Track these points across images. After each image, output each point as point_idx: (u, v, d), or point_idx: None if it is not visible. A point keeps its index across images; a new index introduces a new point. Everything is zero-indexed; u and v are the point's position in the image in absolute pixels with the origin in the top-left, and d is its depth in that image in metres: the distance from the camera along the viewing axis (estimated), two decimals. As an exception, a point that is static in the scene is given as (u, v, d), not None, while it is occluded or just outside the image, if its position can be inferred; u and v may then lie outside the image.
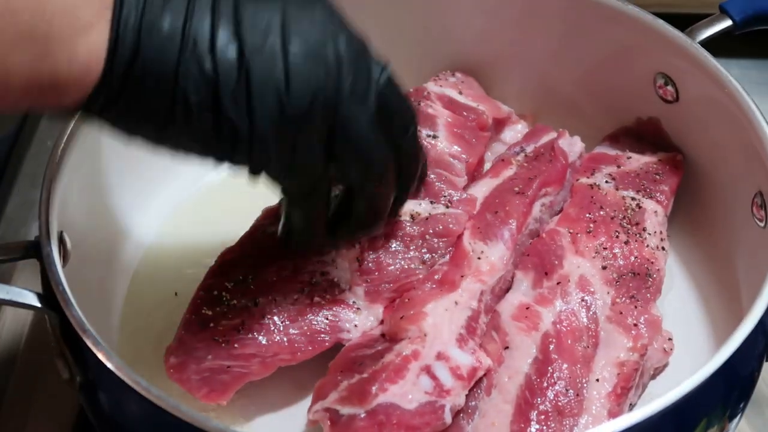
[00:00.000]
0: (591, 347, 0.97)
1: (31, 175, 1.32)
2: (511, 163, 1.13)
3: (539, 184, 1.10)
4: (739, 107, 1.03)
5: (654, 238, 1.06)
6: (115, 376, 0.83)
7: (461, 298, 0.99)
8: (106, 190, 1.10)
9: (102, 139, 1.06)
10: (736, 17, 1.11)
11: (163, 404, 0.80)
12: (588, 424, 0.92)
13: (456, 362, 0.94)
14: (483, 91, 1.24)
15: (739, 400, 0.91)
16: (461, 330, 0.96)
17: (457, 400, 0.92)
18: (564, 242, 1.05)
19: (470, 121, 1.16)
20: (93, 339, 0.85)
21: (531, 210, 1.08)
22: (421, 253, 1.03)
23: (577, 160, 1.15)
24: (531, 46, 1.22)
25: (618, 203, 1.09)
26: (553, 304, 1.00)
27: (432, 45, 1.26)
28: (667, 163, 1.14)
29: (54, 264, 0.90)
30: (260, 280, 0.99)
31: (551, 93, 1.24)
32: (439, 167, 1.09)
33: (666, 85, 1.13)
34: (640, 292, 1.01)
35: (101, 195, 1.09)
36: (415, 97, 1.16)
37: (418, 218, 1.04)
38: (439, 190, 1.06)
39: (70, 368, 0.90)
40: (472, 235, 1.04)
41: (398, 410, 0.89)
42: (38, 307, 0.89)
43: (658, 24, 1.11)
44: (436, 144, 1.11)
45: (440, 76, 1.23)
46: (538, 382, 0.94)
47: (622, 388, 0.94)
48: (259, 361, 0.96)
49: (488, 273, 1.01)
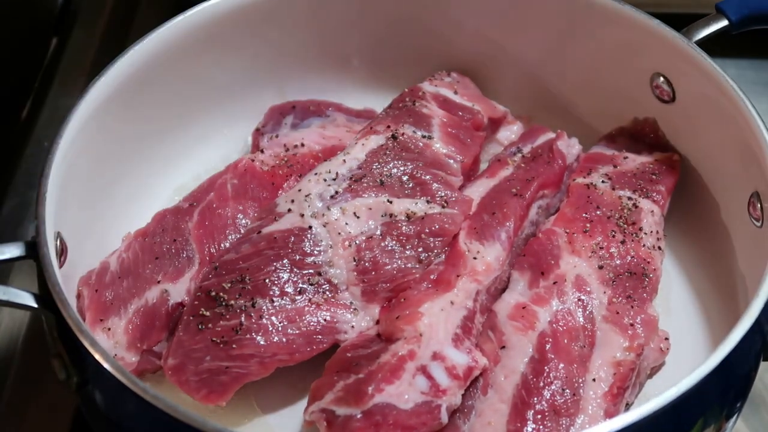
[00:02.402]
0: (587, 347, 0.97)
1: (28, 176, 1.32)
2: (507, 164, 1.13)
3: (537, 187, 1.10)
4: (735, 107, 1.03)
5: (650, 237, 1.07)
6: (112, 376, 0.83)
7: (457, 297, 0.99)
8: (103, 191, 1.10)
9: (99, 140, 1.07)
10: (732, 17, 1.11)
11: (159, 404, 0.80)
12: (584, 424, 0.91)
13: (452, 362, 0.94)
14: (479, 91, 1.24)
15: (736, 399, 0.91)
16: (457, 330, 0.96)
17: (453, 399, 0.92)
18: (560, 242, 1.05)
19: (465, 120, 1.16)
20: (90, 339, 0.85)
21: (528, 213, 1.09)
22: (417, 252, 1.03)
23: (574, 162, 1.16)
24: (527, 46, 1.23)
25: (614, 203, 1.09)
26: (550, 304, 1.00)
27: (428, 45, 1.26)
28: (663, 163, 1.14)
29: (51, 264, 0.90)
30: (257, 280, 0.99)
31: (547, 93, 1.24)
32: (435, 167, 1.09)
33: (663, 85, 1.13)
34: (636, 292, 1.01)
35: (97, 196, 1.09)
36: (410, 96, 1.16)
37: (414, 218, 1.04)
38: (435, 190, 1.06)
39: (66, 368, 0.90)
40: (468, 235, 1.04)
41: (394, 410, 0.89)
42: (35, 307, 0.90)
43: (654, 24, 1.11)
44: (431, 144, 1.11)
45: (436, 76, 1.23)
46: (534, 382, 0.94)
47: (619, 387, 0.94)
48: (257, 361, 0.96)
49: (484, 273, 1.01)
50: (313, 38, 1.25)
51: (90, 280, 1.02)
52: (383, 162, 1.08)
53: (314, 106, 1.24)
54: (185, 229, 1.07)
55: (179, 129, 1.20)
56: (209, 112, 1.22)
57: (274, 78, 1.25)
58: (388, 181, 1.06)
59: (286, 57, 1.24)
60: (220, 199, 1.09)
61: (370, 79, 1.29)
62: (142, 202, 1.15)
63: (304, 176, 1.08)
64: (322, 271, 1.00)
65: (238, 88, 1.23)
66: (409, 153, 1.09)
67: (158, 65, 1.12)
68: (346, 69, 1.28)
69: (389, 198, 1.04)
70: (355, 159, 1.08)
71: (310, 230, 1.01)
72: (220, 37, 1.17)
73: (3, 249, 0.93)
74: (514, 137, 1.22)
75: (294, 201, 1.04)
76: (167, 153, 1.19)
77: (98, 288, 1.02)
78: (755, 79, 1.43)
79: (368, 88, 1.28)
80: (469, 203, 1.07)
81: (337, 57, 1.27)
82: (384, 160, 1.08)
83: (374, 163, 1.07)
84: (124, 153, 1.13)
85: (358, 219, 1.03)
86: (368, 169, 1.07)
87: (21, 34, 1.45)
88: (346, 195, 1.04)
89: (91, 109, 1.04)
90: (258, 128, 1.21)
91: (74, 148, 1.01)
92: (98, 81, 1.06)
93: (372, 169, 1.07)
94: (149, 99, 1.13)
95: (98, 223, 1.09)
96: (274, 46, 1.23)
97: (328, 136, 1.18)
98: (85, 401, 0.92)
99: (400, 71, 1.27)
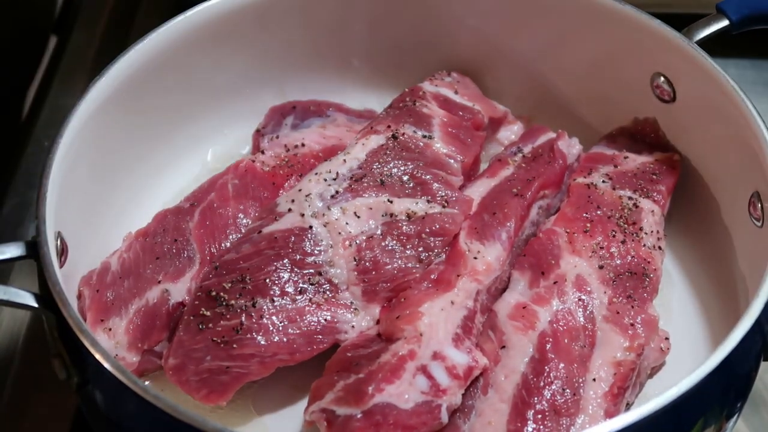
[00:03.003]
0: (588, 347, 0.97)
1: (28, 176, 1.32)
2: (508, 164, 1.13)
3: (538, 187, 1.10)
4: (736, 107, 1.03)
5: (651, 237, 1.06)
6: (112, 376, 0.83)
7: (457, 297, 0.99)
8: (103, 191, 1.10)
9: (99, 140, 1.07)
10: (732, 17, 1.11)
11: (159, 404, 0.80)
12: (585, 424, 0.91)
13: (452, 361, 0.94)
14: (479, 91, 1.24)
15: (736, 399, 0.91)
16: (457, 329, 0.96)
17: (453, 399, 0.92)
18: (561, 242, 1.05)
19: (466, 120, 1.16)
20: (90, 339, 0.85)
21: (529, 213, 1.09)
22: (418, 252, 1.03)
23: (575, 162, 1.15)
24: (527, 46, 1.23)
25: (615, 203, 1.09)
26: (550, 304, 1.00)
27: (428, 45, 1.26)
28: (664, 163, 1.14)
29: (51, 264, 0.90)
30: (257, 280, 0.99)
31: (547, 93, 1.24)
32: (435, 167, 1.09)
33: (663, 85, 1.13)
34: (636, 292, 1.01)
35: (98, 196, 1.09)
36: (410, 96, 1.16)
37: (415, 217, 1.04)
38: (435, 190, 1.06)
39: (67, 368, 0.90)
40: (469, 235, 1.04)
41: (395, 410, 0.89)
42: (35, 307, 0.90)
43: (654, 24, 1.11)
44: (432, 144, 1.11)
45: (436, 76, 1.23)
46: (534, 382, 0.94)
47: (619, 387, 0.94)
48: (258, 361, 0.96)
49: (484, 273, 1.01)
50: (314, 38, 1.25)
51: (91, 280, 1.02)
52: (383, 162, 1.08)
53: (315, 106, 1.24)
54: (186, 229, 1.07)
55: (180, 129, 1.20)
56: (210, 112, 1.22)
57: (274, 78, 1.25)
58: (389, 181, 1.06)
59: (286, 57, 1.24)
60: (220, 199, 1.09)
61: (370, 79, 1.29)
62: (142, 202, 1.15)
63: (305, 176, 1.08)
64: (323, 270, 1.00)
65: (238, 88, 1.23)
66: (410, 153, 1.09)
67: (158, 65, 1.12)
68: (346, 69, 1.28)
69: (389, 198, 1.04)
70: (355, 159, 1.08)
71: (311, 230, 1.01)
72: (220, 37, 1.17)
73: (3, 249, 0.93)
74: (515, 137, 1.22)
75: (294, 201, 1.04)
76: (168, 153, 1.19)
77: (99, 288, 1.02)
78: (756, 79, 1.43)
79: (369, 89, 1.28)
80: (470, 203, 1.07)
81: (337, 57, 1.27)
82: (384, 159, 1.08)
83: (375, 163, 1.07)
84: (125, 153, 1.13)
85: (358, 219, 1.03)
86: (368, 169, 1.07)
87: (21, 34, 1.45)
88: (346, 195, 1.04)
89: (92, 109, 1.04)
90: (258, 129, 1.21)
91: (74, 148, 1.01)
92: (98, 81, 1.06)
93: (372, 169, 1.07)
94: (150, 99, 1.13)
95: (99, 222, 1.09)
96: (275, 46, 1.23)
97: (328, 136, 1.18)
98: (86, 401, 0.92)
99: (401, 71, 1.27)
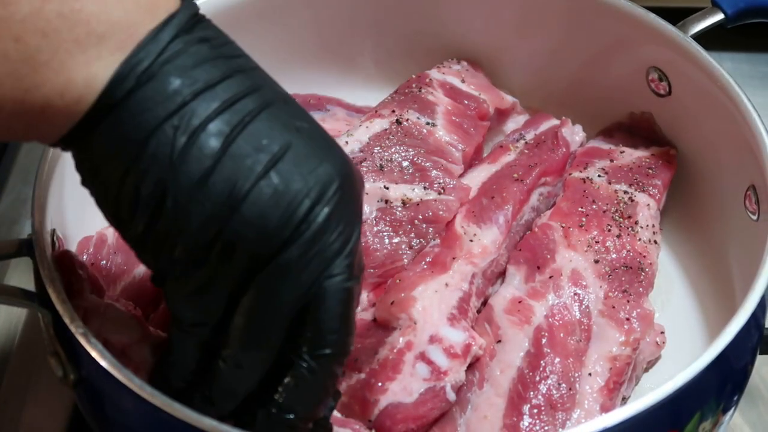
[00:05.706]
0: (583, 341, 0.97)
1: (24, 172, 1.32)
2: (509, 150, 1.13)
3: (539, 173, 1.10)
4: (731, 101, 1.03)
5: (646, 231, 1.07)
6: (109, 374, 0.83)
7: (452, 279, 0.99)
8: (99, 187, 1.09)
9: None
10: (728, 10, 1.11)
11: (157, 401, 0.80)
12: (580, 418, 0.92)
13: (449, 342, 0.94)
14: (488, 81, 1.23)
15: (732, 393, 0.91)
16: (452, 310, 0.96)
17: (456, 377, 0.92)
18: (556, 236, 1.05)
19: (470, 109, 1.15)
20: (86, 337, 0.85)
21: (529, 198, 1.08)
22: (410, 238, 1.02)
23: (578, 149, 1.15)
24: (526, 41, 1.22)
25: (610, 197, 1.09)
26: (546, 298, 1.00)
27: (434, 34, 1.25)
28: (660, 158, 1.14)
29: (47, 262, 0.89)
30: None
31: (545, 88, 1.24)
32: (436, 154, 1.09)
33: (659, 80, 1.13)
34: (632, 286, 1.01)
35: (94, 192, 1.08)
36: (417, 83, 1.16)
37: (410, 203, 1.04)
38: (434, 177, 1.06)
39: (63, 366, 0.90)
40: (466, 218, 1.04)
41: (401, 407, 0.90)
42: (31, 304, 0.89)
43: (650, 18, 1.11)
44: (435, 131, 1.11)
45: (444, 64, 1.23)
46: (530, 376, 0.94)
47: (615, 382, 0.94)
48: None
49: (480, 255, 1.01)
50: (316, 34, 1.24)
51: (87, 248, 1.01)
52: (385, 146, 1.08)
53: (314, 100, 1.24)
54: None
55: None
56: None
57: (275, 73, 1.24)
58: (388, 166, 1.06)
59: (286, 52, 1.24)
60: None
61: (374, 75, 1.28)
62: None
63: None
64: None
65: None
66: (412, 139, 1.09)
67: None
68: (349, 65, 1.28)
69: (386, 184, 1.04)
70: (357, 141, 1.08)
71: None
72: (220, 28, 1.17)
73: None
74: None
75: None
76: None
77: (94, 261, 1.01)
78: (751, 73, 1.43)
79: (372, 85, 1.28)
80: (467, 191, 1.07)
81: (340, 53, 1.27)
82: (386, 144, 1.08)
83: (376, 147, 1.08)
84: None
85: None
86: (369, 153, 1.07)
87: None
88: (344, 178, 1.04)
89: (88, 106, 1.04)
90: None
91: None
92: (95, 78, 1.05)
93: (373, 153, 1.07)
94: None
95: (94, 220, 1.08)
96: (275, 41, 1.22)
97: (327, 129, 1.18)
98: (83, 399, 0.92)
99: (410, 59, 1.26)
